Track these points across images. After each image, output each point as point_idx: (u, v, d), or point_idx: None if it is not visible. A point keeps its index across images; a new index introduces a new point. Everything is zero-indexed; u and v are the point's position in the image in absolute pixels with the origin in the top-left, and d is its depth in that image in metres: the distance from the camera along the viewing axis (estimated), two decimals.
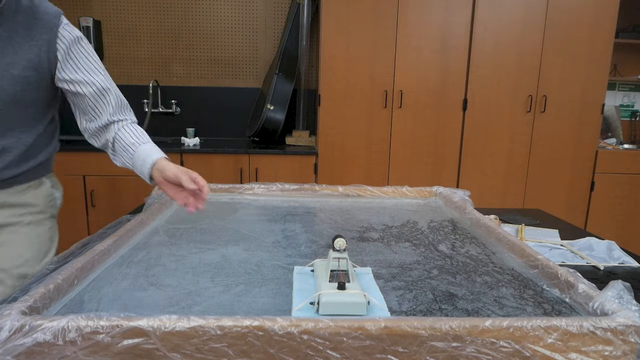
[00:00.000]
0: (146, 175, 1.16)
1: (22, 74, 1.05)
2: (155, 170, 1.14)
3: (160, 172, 1.13)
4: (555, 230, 1.59)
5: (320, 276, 0.87)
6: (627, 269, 1.25)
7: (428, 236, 1.30)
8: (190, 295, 0.89)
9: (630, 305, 0.73)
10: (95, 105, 1.16)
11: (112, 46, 3.46)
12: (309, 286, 0.89)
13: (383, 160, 3.18)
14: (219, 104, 3.58)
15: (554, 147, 3.21)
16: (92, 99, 1.15)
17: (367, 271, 0.98)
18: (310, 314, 0.78)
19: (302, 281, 0.92)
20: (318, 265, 0.93)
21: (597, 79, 3.14)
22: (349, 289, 0.80)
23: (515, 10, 3.02)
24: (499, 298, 0.90)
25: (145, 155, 1.15)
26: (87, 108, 1.16)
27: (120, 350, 0.67)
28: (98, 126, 1.18)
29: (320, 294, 0.78)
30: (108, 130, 1.19)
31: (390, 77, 3.07)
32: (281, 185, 1.71)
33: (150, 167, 1.14)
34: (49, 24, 1.08)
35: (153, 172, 1.15)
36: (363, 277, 0.94)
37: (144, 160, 1.14)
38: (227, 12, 3.48)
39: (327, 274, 0.86)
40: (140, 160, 1.15)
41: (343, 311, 0.77)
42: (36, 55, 1.07)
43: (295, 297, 0.85)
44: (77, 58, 1.12)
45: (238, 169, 3.06)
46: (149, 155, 1.15)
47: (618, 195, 3.30)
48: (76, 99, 1.15)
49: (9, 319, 0.66)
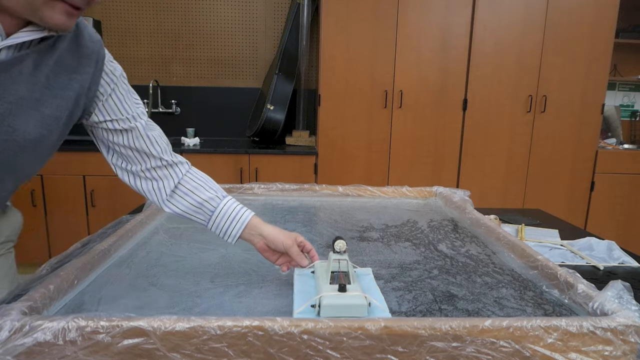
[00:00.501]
0: (234, 237, 0.98)
1: (55, 114, 0.83)
2: (254, 235, 0.98)
3: (263, 239, 0.97)
4: (555, 230, 1.59)
5: (321, 278, 0.87)
6: (627, 269, 1.25)
7: (428, 236, 1.30)
8: (190, 295, 0.89)
9: (630, 305, 0.73)
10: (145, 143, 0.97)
11: (112, 46, 3.46)
12: (310, 288, 0.89)
13: (383, 160, 3.18)
14: (219, 104, 3.58)
15: (554, 147, 3.21)
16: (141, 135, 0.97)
17: (367, 272, 0.98)
18: (312, 317, 0.77)
19: (303, 283, 0.91)
20: (318, 266, 0.93)
21: (597, 79, 3.13)
22: (350, 291, 0.80)
23: (515, 10, 3.02)
24: (499, 299, 0.90)
25: (234, 214, 0.98)
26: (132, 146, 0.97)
27: (120, 350, 0.67)
28: (151, 166, 0.99)
29: (321, 297, 0.78)
30: (168, 170, 1.00)
31: (390, 77, 3.07)
32: (281, 185, 1.71)
33: (241, 228, 0.98)
34: (94, 55, 0.87)
35: (249, 236, 0.98)
36: (364, 278, 0.94)
37: (232, 218, 0.98)
38: (227, 12, 3.48)
39: (328, 275, 0.86)
40: (226, 219, 0.98)
41: (344, 313, 0.76)
42: (75, 92, 0.85)
43: (296, 299, 0.85)
44: (122, 95, 0.94)
45: (238, 169, 3.06)
46: (237, 214, 0.99)
47: (618, 195, 3.30)
48: (115, 137, 0.95)
49: (9, 319, 0.66)
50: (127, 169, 1.00)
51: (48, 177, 2.92)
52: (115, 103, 0.93)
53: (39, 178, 2.92)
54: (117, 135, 0.95)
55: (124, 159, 0.99)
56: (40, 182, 2.92)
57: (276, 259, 0.98)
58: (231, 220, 0.98)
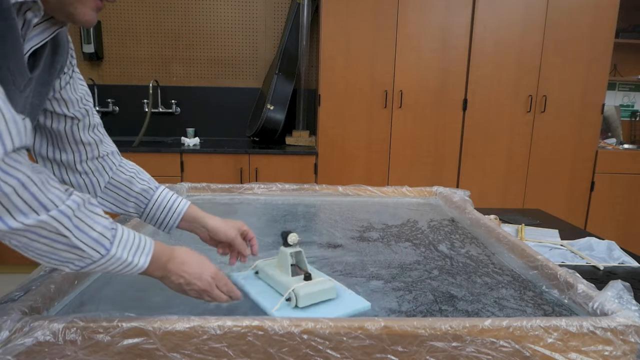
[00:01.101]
0: (170, 227, 0.97)
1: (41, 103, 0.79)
2: (197, 227, 0.97)
3: (206, 230, 0.96)
4: (555, 230, 1.59)
5: (279, 274, 0.90)
6: (627, 269, 1.25)
7: (428, 236, 1.30)
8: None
9: (630, 305, 0.73)
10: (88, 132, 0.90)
11: (112, 46, 3.46)
12: (264, 287, 0.91)
13: (383, 160, 3.18)
14: (219, 104, 3.58)
15: (554, 147, 3.21)
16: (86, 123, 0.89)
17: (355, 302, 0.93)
18: (289, 311, 0.81)
19: (253, 284, 0.93)
20: (264, 265, 0.96)
21: (597, 79, 3.13)
22: (315, 278, 0.86)
23: (515, 10, 3.02)
24: (499, 299, 0.90)
25: (169, 204, 0.96)
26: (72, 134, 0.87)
27: (120, 350, 0.67)
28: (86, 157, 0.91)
29: (295, 289, 0.81)
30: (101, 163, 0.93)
31: (390, 77, 3.07)
32: (281, 185, 1.71)
33: (178, 219, 0.96)
34: (65, 35, 0.82)
35: (192, 227, 0.98)
36: None
37: (168, 209, 0.96)
38: (227, 12, 3.48)
39: (288, 269, 0.89)
40: (162, 210, 0.96)
41: (318, 299, 0.82)
42: (56, 77, 0.81)
43: (261, 300, 0.86)
44: (78, 77, 0.88)
45: (238, 169, 3.06)
46: (174, 204, 0.96)
47: (618, 195, 3.30)
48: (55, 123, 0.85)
49: (9, 319, 0.66)
50: (55, 159, 0.89)
51: None
52: (73, 83, 0.86)
53: None
54: (59, 121, 0.85)
55: (55, 148, 0.88)
56: None
57: (222, 251, 0.98)
58: (167, 211, 0.96)
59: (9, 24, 0.61)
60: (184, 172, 2.98)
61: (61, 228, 0.62)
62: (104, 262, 0.68)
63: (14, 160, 0.57)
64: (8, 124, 0.56)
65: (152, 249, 0.74)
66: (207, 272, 0.79)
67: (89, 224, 0.65)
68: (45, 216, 0.60)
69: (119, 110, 3.49)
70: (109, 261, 0.68)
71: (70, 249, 0.64)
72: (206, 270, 0.79)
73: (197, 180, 1.84)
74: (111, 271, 0.70)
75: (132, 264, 0.71)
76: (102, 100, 3.45)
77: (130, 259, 0.71)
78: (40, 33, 0.70)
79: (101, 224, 0.67)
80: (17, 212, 0.58)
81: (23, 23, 0.65)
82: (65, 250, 0.64)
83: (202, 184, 1.70)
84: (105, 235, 0.67)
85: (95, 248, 0.66)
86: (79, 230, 0.64)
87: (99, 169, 0.93)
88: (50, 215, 0.60)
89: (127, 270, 0.71)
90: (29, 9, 0.65)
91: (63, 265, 0.66)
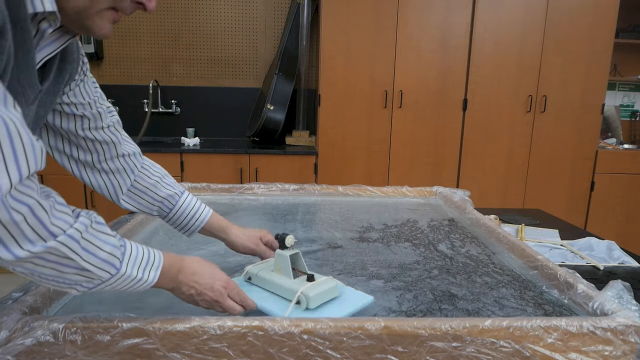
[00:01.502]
0: (191, 232, 1.01)
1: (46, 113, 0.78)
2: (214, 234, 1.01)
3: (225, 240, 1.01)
4: (555, 230, 1.59)
5: (279, 278, 0.87)
6: (627, 269, 1.25)
7: (428, 236, 1.30)
8: None
9: (630, 305, 0.73)
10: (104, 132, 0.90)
11: (112, 46, 3.46)
12: (264, 293, 0.88)
13: (383, 160, 3.18)
14: (219, 104, 3.58)
15: (554, 147, 3.21)
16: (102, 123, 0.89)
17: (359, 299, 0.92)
18: (300, 313, 0.79)
19: (250, 292, 0.85)
20: (259, 270, 0.92)
21: (597, 79, 3.13)
22: (318, 278, 0.86)
23: (515, 10, 3.02)
24: (500, 299, 0.90)
25: (194, 210, 0.99)
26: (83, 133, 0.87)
27: (120, 350, 0.67)
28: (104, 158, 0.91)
29: (303, 291, 0.80)
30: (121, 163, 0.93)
31: (390, 77, 3.07)
32: (281, 185, 1.71)
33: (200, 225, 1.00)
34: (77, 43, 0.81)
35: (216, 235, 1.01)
36: None
37: (192, 215, 0.99)
38: (227, 12, 3.48)
39: (289, 273, 0.87)
40: (186, 215, 0.99)
41: (325, 299, 0.83)
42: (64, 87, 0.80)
43: (266, 306, 0.82)
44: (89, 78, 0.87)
45: (238, 169, 3.06)
46: (198, 211, 0.99)
47: (618, 195, 3.30)
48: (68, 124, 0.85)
49: (9, 319, 0.66)
50: (72, 155, 0.89)
51: (48, 177, 2.92)
52: (85, 86, 0.85)
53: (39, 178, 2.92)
54: (69, 121, 0.84)
55: (71, 145, 0.88)
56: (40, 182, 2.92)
57: None
58: (190, 217, 0.99)
59: (23, 36, 0.59)
60: (184, 172, 2.98)
61: (69, 252, 0.59)
62: (113, 281, 0.66)
63: (26, 187, 0.55)
64: (26, 149, 0.54)
65: (161, 262, 0.72)
66: (218, 282, 0.77)
67: (97, 244, 0.63)
68: (53, 242, 0.57)
69: (119, 110, 3.48)
70: (119, 280, 0.66)
71: (78, 272, 0.62)
72: (218, 280, 0.77)
73: (197, 180, 1.84)
74: (121, 289, 0.68)
75: (142, 280, 0.69)
76: None
77: (140, 275, 0.69)
78: (52, 43, 0.68)
79: (110, 243, 0.65)
80: (25, 241, 0.55)
81: (36, 32, 0.63)
82: (74, 273, 0.61)
83: (202, 184, 1.70)
84: (114, 254, 0.65)
85: (104, 268, 0.64)
86: (87, 253, 0.61)
87: (119, 170, 0.93)
88: (58, 241, 0.58)
89: (137, 286, 0.69)
90: (43, 18, 0.62)
91: (71, 287, 0.63)
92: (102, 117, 0.88)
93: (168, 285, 0.75)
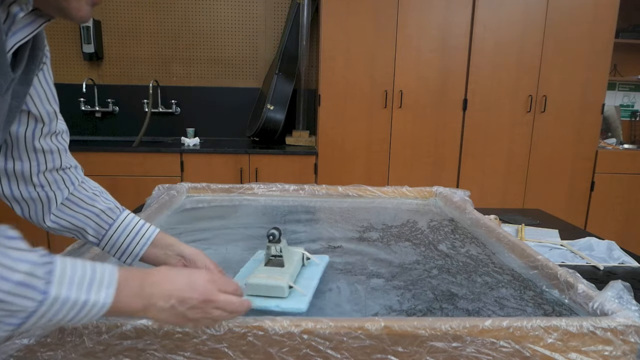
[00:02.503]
0: (135, 255, 0.83)
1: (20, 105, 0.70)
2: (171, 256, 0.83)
3: (182, 259, 0.83)
4: (555, 230, 1.59)
5: (262, 261, 0.93)
6: (627, 269, 1.25)
7: (428, 236, 1.30)
8: None
9: (630, 305, 0.73)
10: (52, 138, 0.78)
11: (112, 46, 3.46)
12: (249, 270, 0.95)
13: (383, 160, 3.18)
14: (219, 104, 3.58)
15: (554, 147, 3.21)
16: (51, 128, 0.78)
17: (321, 260, 1.02)
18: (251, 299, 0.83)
19: (249, 267, 0.98)
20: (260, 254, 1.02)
21: (597, 79, 3.13)
22: (276, 275, 0.86)
23: (515, 10, 3.02)
24: (500, 299, 0.90)
25: (137, 228, 0.83)
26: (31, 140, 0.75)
27: (120, 351, 0.67)
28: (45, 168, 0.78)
29: (248, 277, 0.85)
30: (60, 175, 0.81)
31: (390, 77, 3.07)
32: (281, 185, 1.71)
33: (146, 244, 0.83)
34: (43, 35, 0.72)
35: (164, 257, 0.83)
36: (311, 265, 0.99)
37: (136, 233, 0.83)
38: (227, 12, 3.48)
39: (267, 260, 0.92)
40: (127, 234, 0.82)
41: (266, 293, 0.83)
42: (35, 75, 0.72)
43: (236, 277, 0.92)
44: (50, 75, 0.77)
45: (238, 169, 3.06)
46: (142, 229, 0.83)
47: (618, 195, 3.30)
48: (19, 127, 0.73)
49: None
50: (6, 169, 0.75)
51: None
52: (44, 77, 0.75)
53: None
54: (20, 124, 0.73)
55: (7, 158, 0.75)
56: None
57: None
58: (134, 235, 0.81)
59: None
60: (184, 172, 2.98)
61: None
62: (44, 310, 0.51)
63: None
64: None
65: (115, 277, 0.57)
66: (200, 279, 0.63)
67: (7, 265, 0.48)
68: None
69: (119, 110, 3.49)
70: (53, 307, 0.51)
71: None
72: (198, 278, 0.63)
73: (197, 180, 1.84)
74: (67, 321, 0.54)
75: (89, 304, 0.53)
76: (102, 100, 3.45)
77: (85, 296, 0.53)
78: (25, 27, 0.61)
79: (27, 260, 0.50)
80: None
81: (6, 17, 0.57)
82: None
83: (202, 184, 1.70)
84: (35, 274, 0.50)
85: (24, 294, 0.49)
86: None
87: (57, 182, 0.80)
88: None
89: (87, 313, 0.54)
90: (14, 1, 0.57)
91: None
92: (56, 119, 0.79)
93: (136, 305, 0.59)
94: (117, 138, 3.46)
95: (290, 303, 0.82)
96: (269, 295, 0.83)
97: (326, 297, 0.89)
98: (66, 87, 3.43)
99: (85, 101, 3.43)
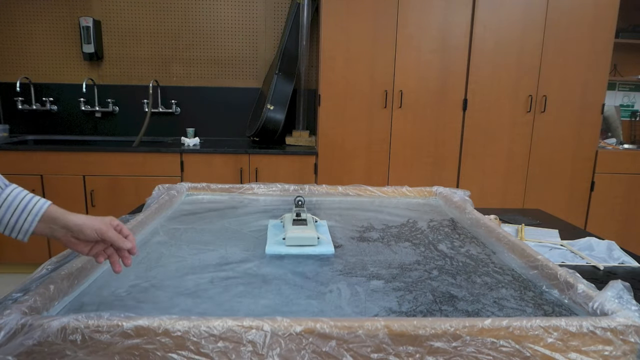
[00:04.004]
0: (25, 232, 0.79)
1: None
2: (57, 229, 0.80)
3: (68, 231, 0.80)
4: (555, 230, 1.59)
5: (288, 223, 1.24)
6: (627, 269, 1.25)
7: (428, 236, 1.30)
8: (190, 295, 0.89)
9: (630, 305, 0.73)
10: None
11: (112, 46, 3.46)
12: (279, 231, 1.26)
13: (383, 160, 3.18)
14: (219, 104, 3.58)
15: (554, 147, 3.21)
16: None
17: (323, 223, 1.37)
18: (280, 247, 1.14)
19: (275, 229, 1.29)
20: (286, 217, 1.31)
21: (597, 79, 3.13)
22: (305, 229, 1.18)
23: (515, 10, 3.02)
24: (499, 299, 0.90)
25: (23, 203, 0.78)
26: None
27: (120, 350, 0.67)
28: None
29: (287, 232, 1.17)
30: None
31: (390, 77, 3.07)
32: (281, 185, 1.71)
33: (35, 220, 0.78)
34: None
35: (50, 230, 0.80)
36: (319, 225, 1.34)
37: (22, 209, 0.78)
38: (227, 12, 3.48)
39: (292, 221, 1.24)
40: (13, 210, 0.78)
41: (302, 242, 1.15)
42: None
43: (269, 237, 1.21)
44: None
45: (238, 169, 3.06)
46: (29, 203, 0.79)
47: (618, 195, 3.30)
48: None
49: (9, 319, 0.66)
50: None
51: (48, 177, 2.92)
52: None
53: (38, 178, 2.92)
54: None
55: None
56: (40, 182, 2.92)
57: (89, 250, 0.83)
58: (20, 211, 0.78)
59: None
60: (184, 172, 2.98)
61: None
62: None
63: None
64: None
65: None
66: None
67: None
68: None
69: (119, 110, 3.49)
70: None
71: None
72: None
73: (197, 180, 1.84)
74: None
75: None
76: (102, 100, 3.45)
77: None
78: None
79: None
80: None
81: None
82: None
83: (202, 184, 1.70)
84: None
85: None
86: None
87: None
88: None
89: None
90: None
91: None
92: None
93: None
94: (117, 138, 3.47)
95: (321, 249, 1.14)
96: (303, 244, 1.14)
97: (326, 298, 0.89)
98: (66, 87, 3.43)
99: (85, 101, 3.43)
